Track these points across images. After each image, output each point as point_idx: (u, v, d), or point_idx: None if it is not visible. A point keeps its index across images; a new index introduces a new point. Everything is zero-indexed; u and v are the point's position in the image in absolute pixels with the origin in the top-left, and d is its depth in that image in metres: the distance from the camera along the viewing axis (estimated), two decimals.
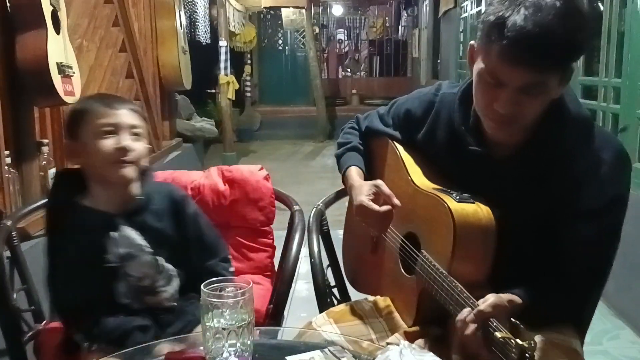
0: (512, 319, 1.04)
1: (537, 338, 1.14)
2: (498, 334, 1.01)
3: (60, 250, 1.41)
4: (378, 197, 1.36)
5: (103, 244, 1.38)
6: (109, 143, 1.36)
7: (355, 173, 1.49)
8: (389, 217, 1.35)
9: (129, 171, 1.39)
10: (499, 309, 1.07)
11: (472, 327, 1.07)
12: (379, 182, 1.38)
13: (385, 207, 1.33)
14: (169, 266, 1.44)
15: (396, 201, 1.33)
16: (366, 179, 1.48)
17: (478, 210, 1.21)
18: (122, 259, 1.39)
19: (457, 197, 1.23)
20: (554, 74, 1.11)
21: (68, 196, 1.43)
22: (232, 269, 1.57)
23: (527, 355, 0.95)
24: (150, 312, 1.41)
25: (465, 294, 1.12)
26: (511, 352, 0.97)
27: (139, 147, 1.40)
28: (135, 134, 1.40)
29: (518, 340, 0.98)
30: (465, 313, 1.10)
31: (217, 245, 1.58)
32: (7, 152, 1.88)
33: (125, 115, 1.39)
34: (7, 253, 1.58)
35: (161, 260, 1.43)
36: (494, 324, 1.04)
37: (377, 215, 1.34)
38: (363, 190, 1.39)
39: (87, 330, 1.37)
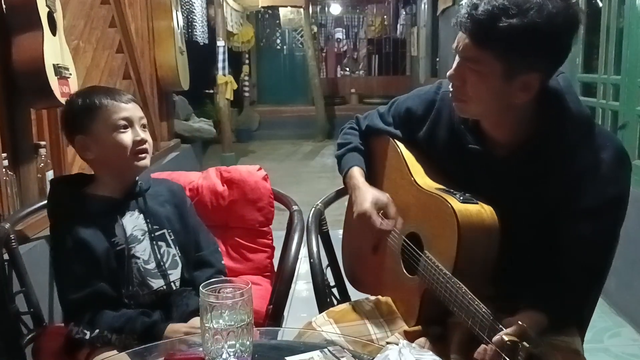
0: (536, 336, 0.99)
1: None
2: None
3: (69, 241, 1.40)
4: (382, 209, 1.39)
5: (111, 227, 1.42)
6: (127, 137, 1.41)
7: (358, 173, 1.49)
8: (387, 232, 1.39)
9: (147, 161, 1.46)
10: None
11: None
12: (387, 199, 1.40)
13: (386, 225, 1.37)
14: (172, 250, 1.49)
15: (399, 223, 1.38)
16: (367, 179, 1.49)
17: (481, 211, 1.21)
18: (128, 241, 1.42)
19: (461, 198, 1.23)
20: (487, 53, 1.13)
21: (69, 193, 1.47)
22: (222, 261, 1.64)
23: None
24: (152, 304, 1.44)
25: (469, 296, 1.11)
26: None
27: (149, 137, 1.46)
28: (144, 125, 1.47)
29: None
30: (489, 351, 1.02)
31: (208, 237, 1.66)
32: (4, 155, 1.87)
33: (135, 109, 1.45)
34: (6, 256, 1.57)
35: (164, 243, 1.48)
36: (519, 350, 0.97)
37: (377, 229, 1.38)
38: (368, 197, 1.40)
39: (91, 322, 1.37)
